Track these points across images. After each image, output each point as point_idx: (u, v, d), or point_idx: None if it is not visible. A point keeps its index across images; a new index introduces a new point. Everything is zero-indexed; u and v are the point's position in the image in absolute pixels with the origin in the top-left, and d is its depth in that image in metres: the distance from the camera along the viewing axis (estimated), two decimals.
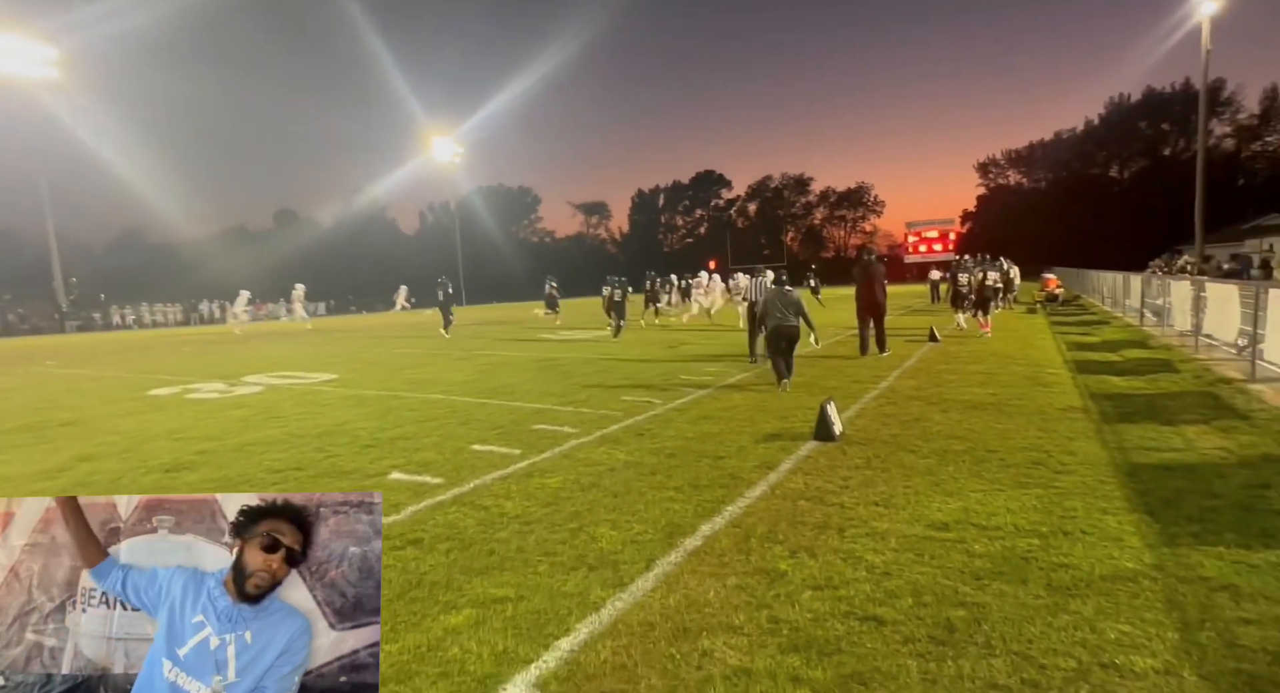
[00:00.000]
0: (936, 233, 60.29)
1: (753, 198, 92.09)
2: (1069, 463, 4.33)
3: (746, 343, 10.23)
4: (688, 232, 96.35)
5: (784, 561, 3.02)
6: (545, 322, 22.27)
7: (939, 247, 59.07)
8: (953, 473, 4.20)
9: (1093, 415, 5.68)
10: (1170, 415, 5.57)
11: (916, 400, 6.57)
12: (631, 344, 13.44)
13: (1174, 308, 10.36)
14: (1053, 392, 6.74)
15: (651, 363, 10.27)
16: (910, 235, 61.94)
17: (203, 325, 41.11)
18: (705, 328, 16.93)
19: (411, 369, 10.72)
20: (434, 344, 15.82)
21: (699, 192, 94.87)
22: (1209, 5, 33.43)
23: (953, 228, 61.90)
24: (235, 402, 8.09)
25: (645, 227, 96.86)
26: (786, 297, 7.69)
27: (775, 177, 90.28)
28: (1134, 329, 12.67)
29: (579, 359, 11.11)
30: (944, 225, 61.41)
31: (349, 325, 29.64)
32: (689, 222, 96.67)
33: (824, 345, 11.59)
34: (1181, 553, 2.95)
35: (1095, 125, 71.77)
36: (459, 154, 64.51)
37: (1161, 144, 69.49)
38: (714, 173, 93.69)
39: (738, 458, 4.75)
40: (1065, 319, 16.01)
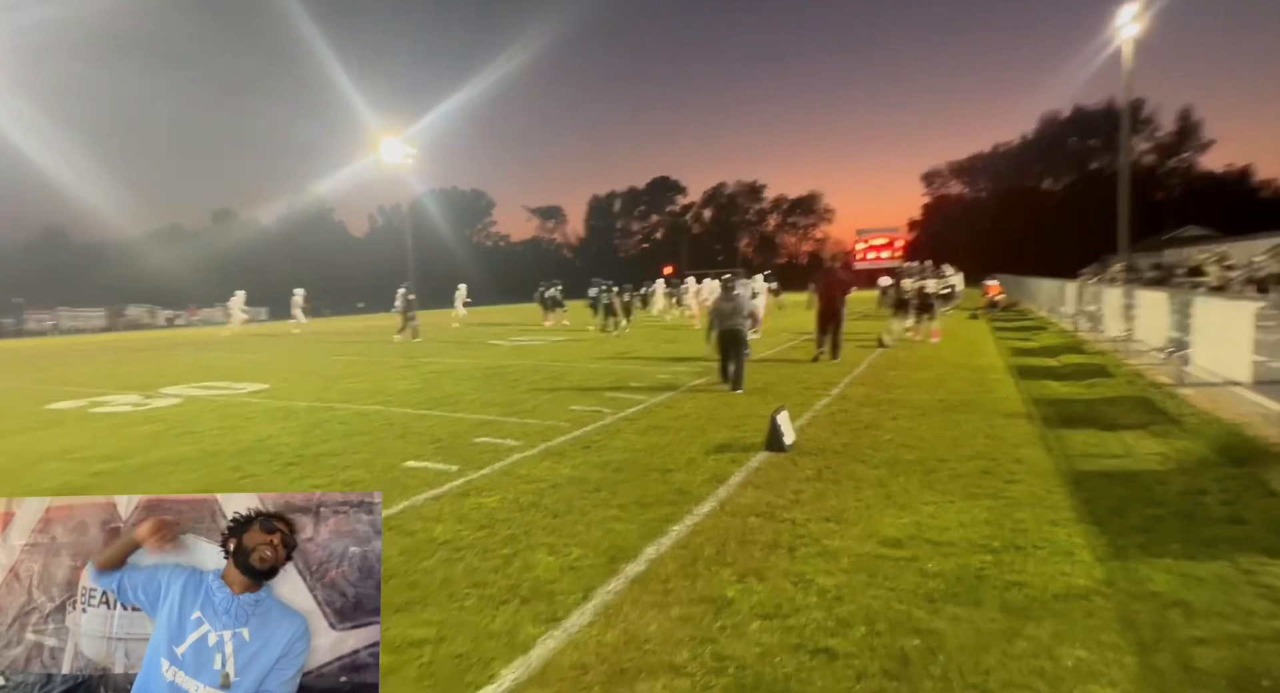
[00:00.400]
0: (885, 240, 62.14)
1: (708, 204, 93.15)
2: (1017, 472, 4.30)
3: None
4: (644, 237, 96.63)
5: (732, 586, 2.83)
6: (536, 325, 21.71)
7: (887, 254, 60.85)
8: (904, 484, 4.12)
9: (1036, 421, 5.73)
10: (1109, 421, 5.68)
11: (867, 407, 6.54)
12: (585, 349, 13.17)
13: (1106, 314, 10.77)
14: (998, 398, 6.82)
15: (604, 370, 10.04)
16: (860, 242, 63.65)
17: (130, 331, 38.64)
18: (668, 329, 16.82)
19: (351, 378, 10.18)
20: (379, 351, 15.16)
21: (655, 197, 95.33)
22: (1130, 28, 35.72)
23: (900, 235, 63.92)
24: (147, 416, 7.45)
25: (601, 232, 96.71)
26: (733, 301, 7.90)
27: (730, 183, 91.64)
28: (1070, 335, 13.16)
29: (529, 366, 10.78)
30: (892, 233, 63.38)
31: (287, 331, 28.30)
32: (645, 227, 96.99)
33: (779, 349, 11.59)
34: (1131, 566, 2.90)
35: (1030, 140, 75.55)
36: (410, 155, 62.92)
37: (1090, 159, 73.64)
38: (669, 179, 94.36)
39: (687, 471, 4.56)
40: (1006, 325, 16.56)
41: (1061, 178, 74.99)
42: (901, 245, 62.19)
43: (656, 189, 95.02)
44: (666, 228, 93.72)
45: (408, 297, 18.07)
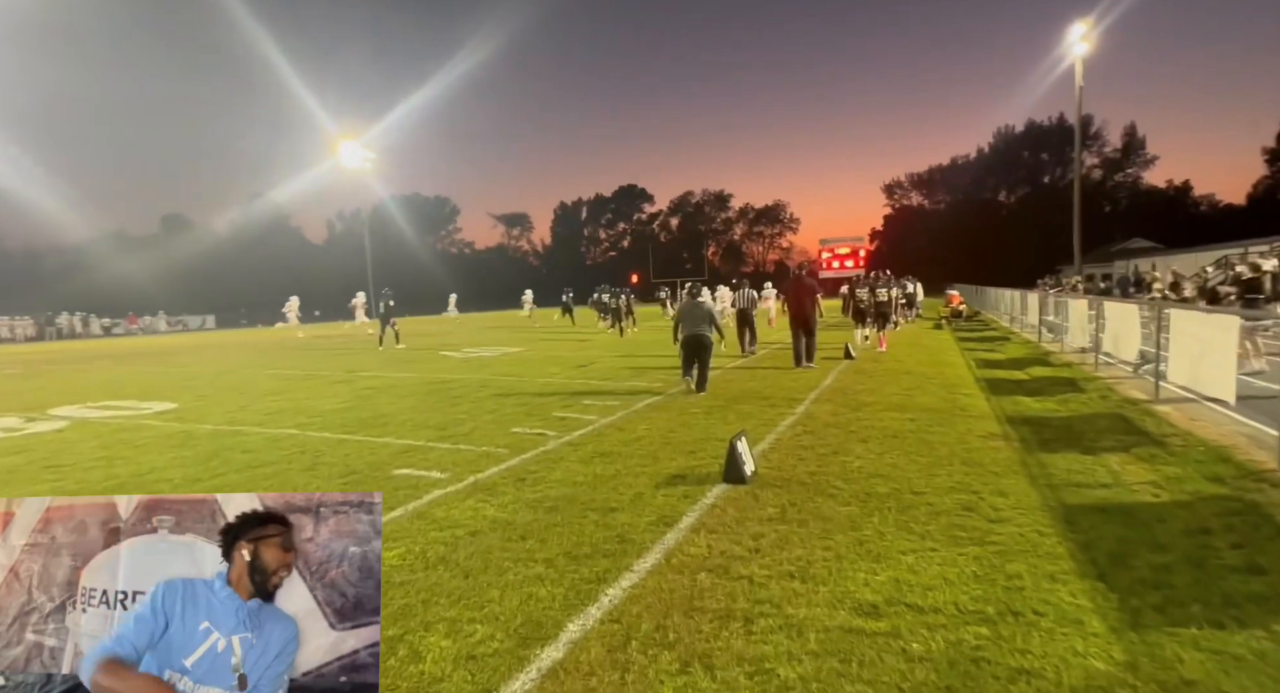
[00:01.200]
0: (848, 250, 62.88)
1: (675, 212, 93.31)
2: (1002, 508, 3.82)
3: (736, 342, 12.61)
4: (610, 245, 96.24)
5: (670, 681, 2.23)
6: (529, 326, 20.86)
7: (850, 263, 61.56)
8: (878, 526, 3.59)
9: (1014, 444, 5.31)
10: (1089, 442, 5.29)
11: (834, 428, 6.05)
12: (539, 362, 12.48)
13: (1071, 326, 10.60)
14: (971, 416, 6.41)
15: (557, 385, 9.38)
16: (824, 252, 64.29)
17: (61, 340, 36.25)
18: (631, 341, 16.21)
19: (275, 396, 9.28)
20: (318, 362, 14.20)
21: (621, 205, 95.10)
22: (1080, 47, 36.93)
23: (863, 245, 64.78)
24: (17, 444, 6.49)
25: (567, 239, 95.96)
26: (699, 308, 8.13)
27: (696, 192, 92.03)
28: (1034, 346, 13.03)
29: (476, 381, 10.04)
30: (855, 243, 64.17)
31: (232, 341, 26.78)
32: (611, 235, 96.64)
33: (746, 360, 11.10)
34: (1153, 641, 2.40)
35: (985, 153, 77.80)
36: (370, 160, 61.26)
37: (1042, 172, 76.16)
38: (636, 187, 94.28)
39: (631, 511, 3.95)
40: (970, 335, 16.47)
41: (1015, 190, 77.38)
42: (864, 255, 63.04)
43: (624, 197, 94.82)
44: (633, 236, 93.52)
45: (388, 302, 17.75)
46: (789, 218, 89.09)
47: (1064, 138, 73.22)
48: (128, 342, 31.29)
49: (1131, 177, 71.70)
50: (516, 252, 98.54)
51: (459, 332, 24.64)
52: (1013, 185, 77.66)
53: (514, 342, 18.50)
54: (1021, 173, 76.78)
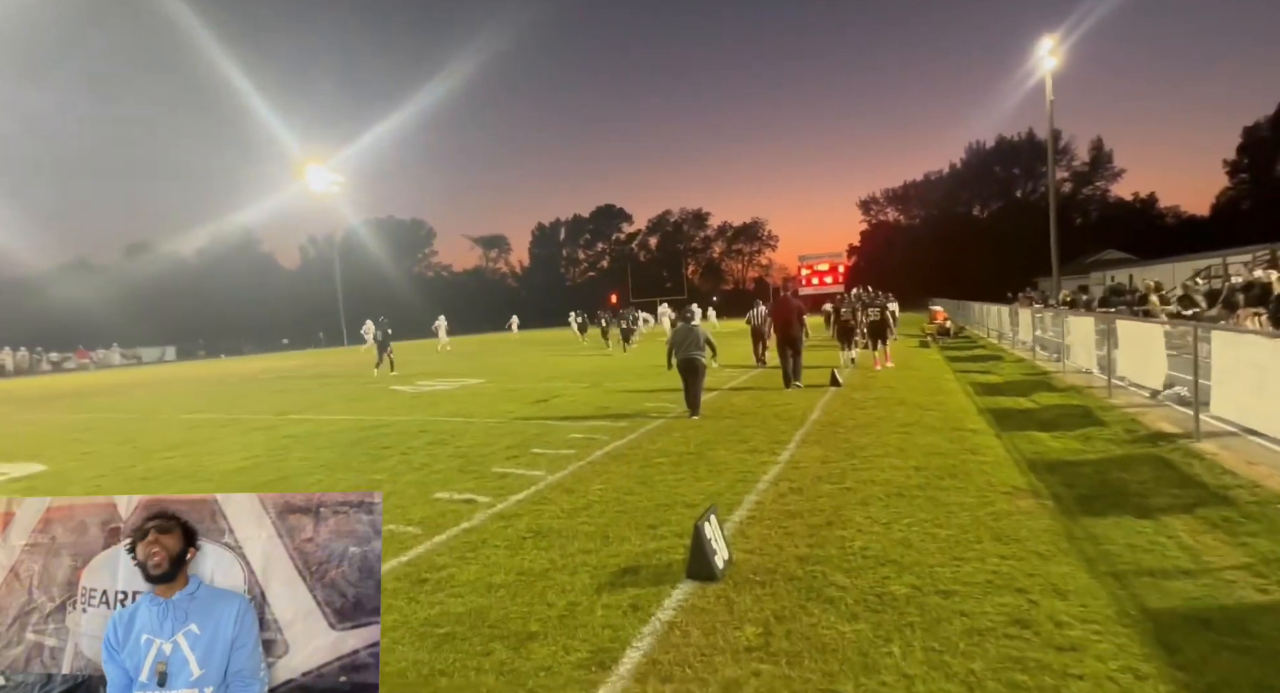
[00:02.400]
0: (827, 265, 62.78)
1: (653, 232, 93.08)
2: (1066, 620, 2.77)
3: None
4: (590, 265, 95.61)
5: None
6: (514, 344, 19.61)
7: (830, 279, 61.42)
8: (901, 663, 2.51)
9: (1047, 504, 4.30)
10: (1138, 499, 4.30)
11: (826, 483, 5.00)
12: (495, 397, 11.32)
13: (1074, 345, 9.76)
14: (985, 462, 5.41)
15: (506, 426, 8.23)
16: (803, 268, 64.10)
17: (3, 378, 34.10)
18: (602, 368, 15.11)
19: (172, 451, 7.98)
20: (253, 401, 12.88)
21: (600, 225, 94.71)
22: (1049, 61, 37.29)
23: (841, 261, 64.75)
24: None
25: (546, 260, 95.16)
26: (693, 331, 8.27)
27: (674, 211, 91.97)
28: (1029, 365, 12.20)
29: (416, 425, 8.84)
30: (833, 258, 64.14)
31: (178, 375, 25.16)
32: (590, 255, 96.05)
33: (739, 382, 10.06)
34: None
35: (958, 168, 78.85)
36: (339, 183, 60.01)
37: (1014, 186, 77.28)
38: (614, 207, 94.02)
39: (556, 637, 2.84)
40: (959, 354, 15.65)
41: (989, 204, 78.34)
42: (843, 270, 62.97)
43: (602, 217, 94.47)
44: (613, 256, 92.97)
45: (386, 328, 17.72)
46: (767, 235, 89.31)
47: (1033, 152, 74.50)
48: (71, 379, 29.43)
49: (1100, 189, 73.01)
50: (495, 274, 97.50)
51: (430, 360, 23.38)
52: (986, 200, 78.69)
53: (479, 370, 17.31)
54: (994, 187, 77.85)
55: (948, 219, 76.44)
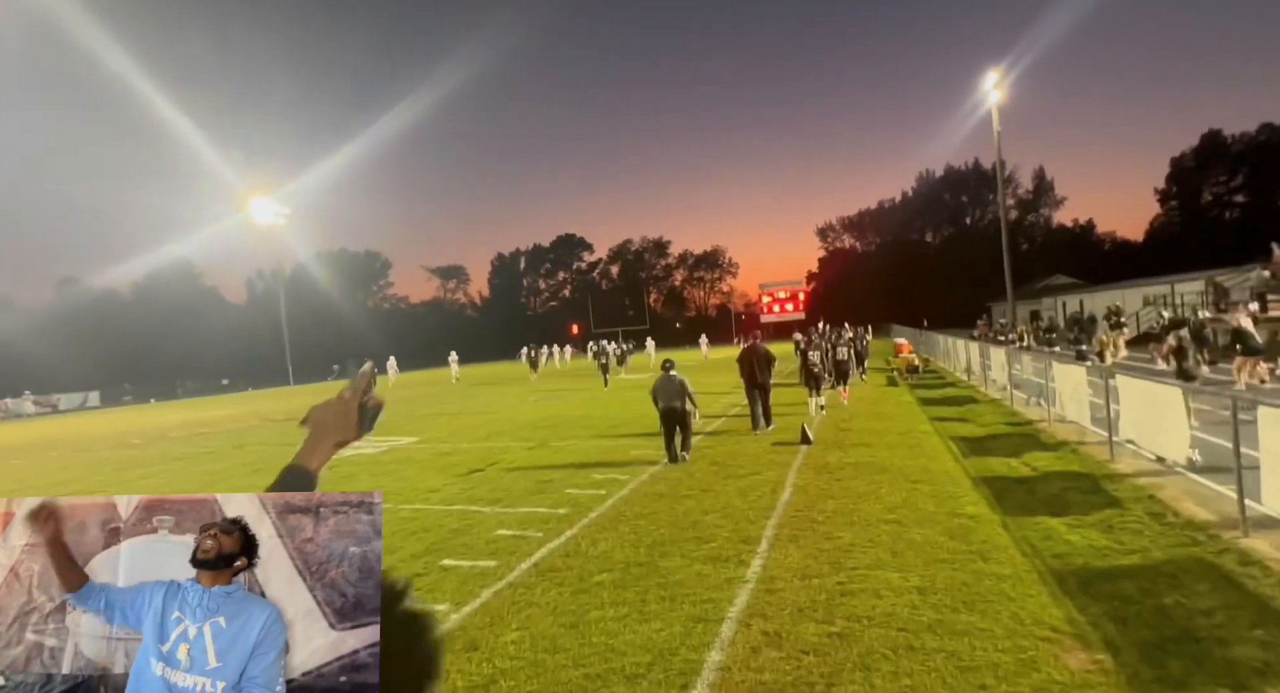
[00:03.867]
0: (787, 293, 63.00)
1: (614, 260, 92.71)
2: None
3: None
4: (551, 295, 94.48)
5: None
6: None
7: (790, 306, 61.59)
8: None
9: (1104, 661, 3.23)
10: (1218, 646, 3.27)
11: (811, 621, 3.84)
12: (423, 466, 9.89)
13: (1063, 396, 8.97)
14: (1003, 576, 4.34)
15: (423, 519, 6.85)
16: (764, 296, 64.22)
17: None
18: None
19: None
20: (109, 473, 11.12)
21: (561, 254, 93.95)
22: (994, 94, 38.38)
23: (801, 288, 65.12)
24: None
25: (507, 290, 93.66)
26: (672, 381, 8.60)
27: (635, 240, 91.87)
28: (1008, 411, 11.44)
29: None
30: (793, 286, 64.47)
31: (81, 431, 22.65)
32: (551, 285, 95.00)
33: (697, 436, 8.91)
34: None
35: (910, 196, 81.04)
36: (284, 216, 57.67)
37: (963, 214, 79.75)
38: (575, 236, 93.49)
39: None
40: (930, 394, 14.90)
41: (940, 231, 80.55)
42: (803, 298, 63.28)
43: (562, 246, 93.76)
44: (574, 285, 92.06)
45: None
46: (728, 263, 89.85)
47: (980, 181, 77.19)
48: None
49: (1044, 217, 75.83)
50: (454, 305, 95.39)
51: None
52: (937, 226, 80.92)
53: (416, 423, 15.77)
54: (944, 215, 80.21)
55: (902, 246, 78.20)
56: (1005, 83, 38.10)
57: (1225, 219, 63.04)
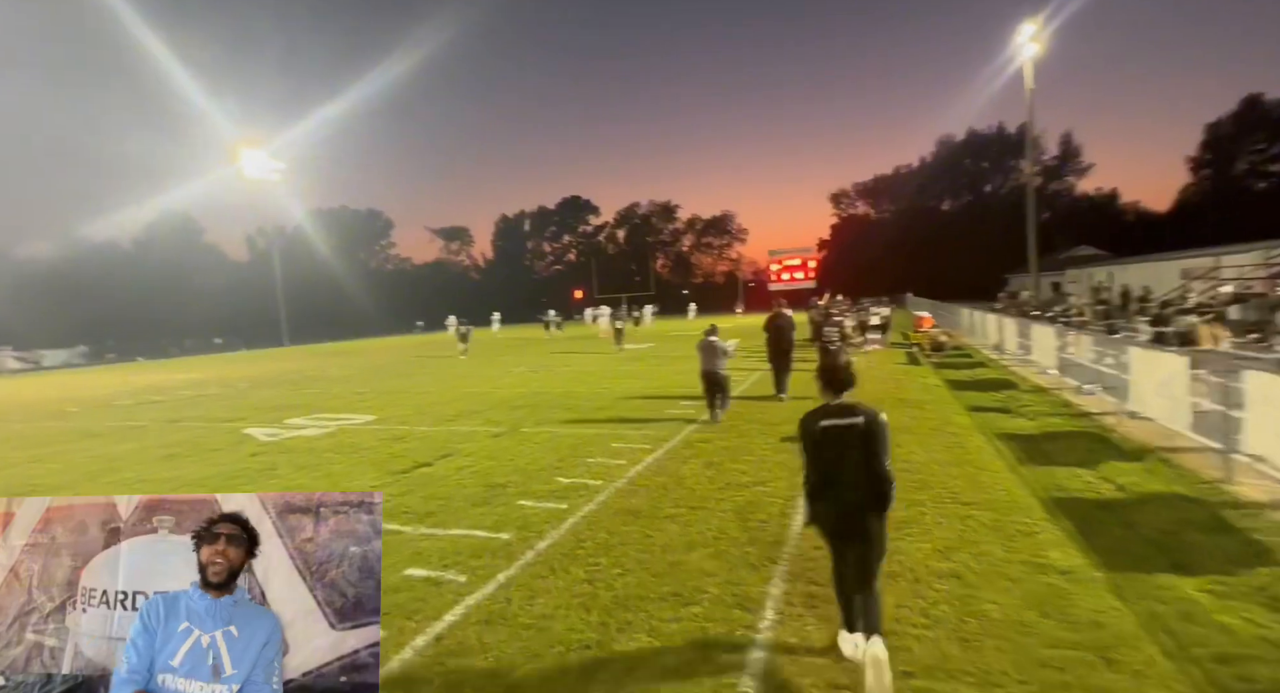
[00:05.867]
0: (798, 260, 60.63)
1: (621, 225, 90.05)
2: None
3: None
4: (556, 258, 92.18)
5: None
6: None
7: (800, 274, 59.36)
8: None
9: None
10: None
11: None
12: (370, 454, 8.36)
13: (1140, 387, 7.26)
14: (1141, 684, 2.76)
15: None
16: (773, 263, 61.88)
17: None
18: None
19: None
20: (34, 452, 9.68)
21: (566, 217, 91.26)
22: (1030, 47, 35.36)
23: (812, 255, 62.67)
24: None
25: (510, 253, 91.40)
26: (714, 347, 8.98)
27: (643, 203, 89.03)
28: (1055, 398, 9.77)
29: None
30: (804, 253, 61.99)
31: (36, 393, 21.27)
32: (557, 248, 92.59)
33: (689, 431, 7.32)
34: None
35: (928, 162, 77.55)
36: (278, 170, 55.38)
37: (983, 181, 76.28)
38: (581, 198, 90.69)
39: None
40: (957, 375, 13.19)
41: (959, 199, 77.26)
42: (814, 265, 60.94)
43: (568, 209, 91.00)
44: (579, 249, 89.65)
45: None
46: (737, 229, 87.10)
47: (1003, 147, 73.50)
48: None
49: (1068, 184, 72.36)
50: (457, 267, 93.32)
51: (334, 384, 20.28)
52: (956, 194, 77.58)
53: (378, 398, 14.25)
54: (963, 181, 76.76)
55: (918, 213, 75.14)
56: (1043, 35, 35.15)
57: (1257, 190, 59.53)
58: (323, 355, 32.42)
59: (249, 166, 53.40)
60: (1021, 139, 68.98)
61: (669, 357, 19.89)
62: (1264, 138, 59.70)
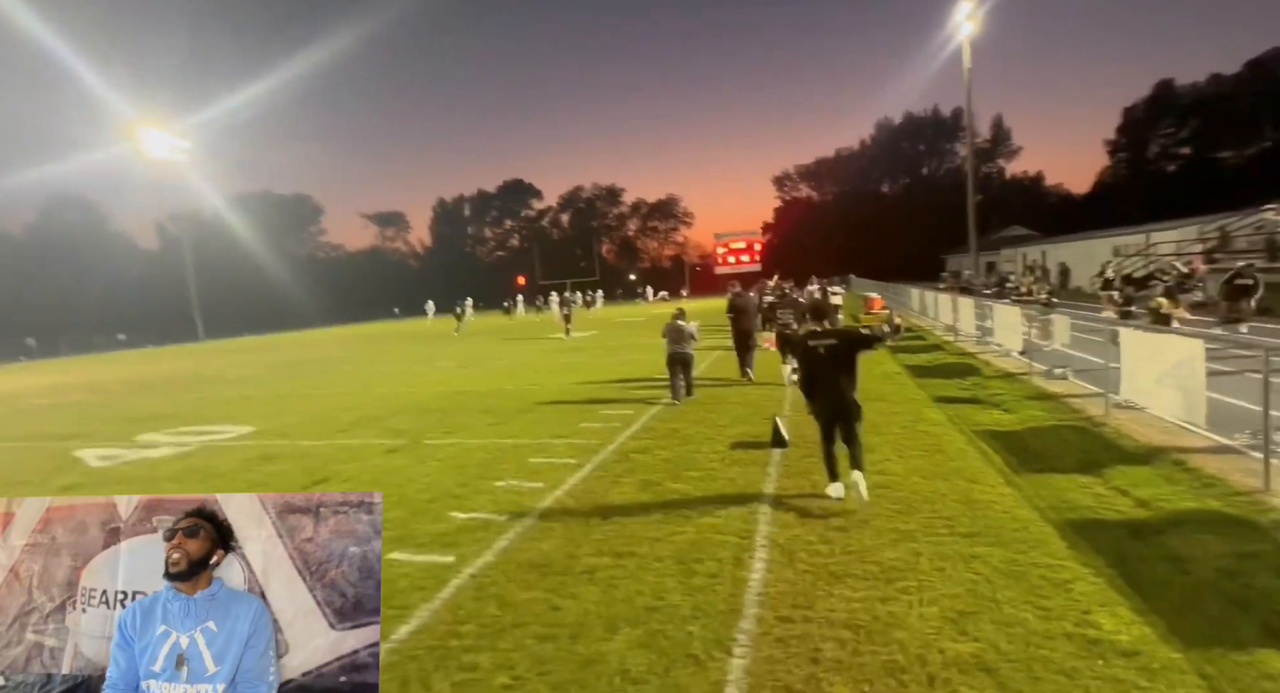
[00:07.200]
0: (744, 244, 60.12)
1: (565, 208, 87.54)
2: None
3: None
4: (498, 244, 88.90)
5: None
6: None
7: (746, 257, 58.86)
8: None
9: None
10: None
11: None
12: (228, 481, 6.65)
13: (1135, 375, 6.35)
14: None
15: None
16: (719, 247, 61.17)
17: None
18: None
19: None
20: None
21: (508, 201, 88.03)
22: (966, 27, 35.31)
23: (758, 239, 62.29)
24: None
25: (450, 239, 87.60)
26: (681, 329, 9.16)
27: (586, 186, 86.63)
28: (1027, 386, 8.93)
29: None
30: (749, 236, 61.55)
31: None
32: (499, 233, 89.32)
33: (626, 436, 5.97)
34: None
35: (868, 145, 78.27)
36: (183, 151, 50.43)
37: (920, 163, 77.65)
38: (523, 182, 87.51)
39: None
40: (914, 359, 12.35)
41: (897, 181, 78.47)
42: (759, 248, 60.58)
43: (509, 192, 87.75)
44: (522, 234, 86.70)
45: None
46: (683, 212, 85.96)
47: (939, 130, 74.93)
48: None
49: (999, 167, 74.40)
50: (394, 254, 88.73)
51: (215, 385, 17.96)
52: (895, 176, 78.74)
53: (270, 402, 12.33)
54: (902, 164, 77.92)
55: (860, 195, 75.91)
56: (979, 14, 35.15)
57: (1167, 172, 62.50)
58: (236, 352, 29.46)
59: (152, 147, 48.43)
60: (956, 123, 70.46)
61: (613, 347, 18.49)
62: (1174, 122, 62.55)
